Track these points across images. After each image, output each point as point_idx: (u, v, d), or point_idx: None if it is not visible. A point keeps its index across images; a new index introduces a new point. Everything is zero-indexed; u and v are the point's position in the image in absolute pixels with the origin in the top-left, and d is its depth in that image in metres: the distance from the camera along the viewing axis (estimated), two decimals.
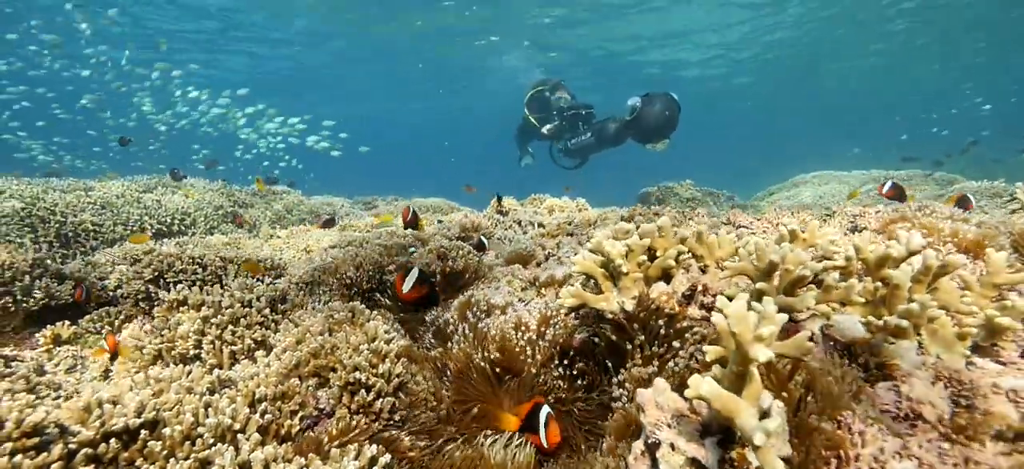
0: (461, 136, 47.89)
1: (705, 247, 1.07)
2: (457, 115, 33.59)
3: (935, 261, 0.87)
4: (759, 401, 0.62)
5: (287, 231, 3.79)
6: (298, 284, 1.58)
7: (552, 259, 1.91)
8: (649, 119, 5.59)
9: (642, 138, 5.96)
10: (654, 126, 5.57)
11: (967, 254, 1.49)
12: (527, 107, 8.85)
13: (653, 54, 18.22)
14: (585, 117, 7.50)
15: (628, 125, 5.86)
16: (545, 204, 4.82)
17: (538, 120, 8.76)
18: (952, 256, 0.88)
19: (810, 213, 2.14)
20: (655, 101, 5.54)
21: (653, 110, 5.52)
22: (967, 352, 0.86)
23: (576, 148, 7.43)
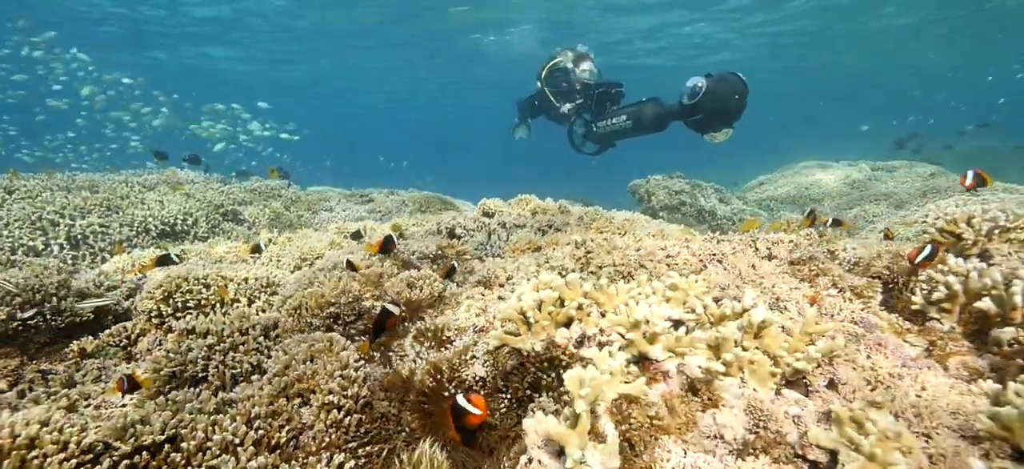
0: (460, 126, 47.71)
1: (604, 296, 1.35)
2: (457, 102, 33.60)
3: (758, 318, 1.16)
4: (586, 433, 0.91)
5: (284, 238, 4.08)
6: (288, 311, 1.88)
7: (510, 282, 2.20)
8: (716, 103, 4.69)
9: (702, 126, 5.03)
10: (722, 112, 4.70)
11: (850, 291, 1.77)
12: (544, 81, 7.70)
13: (639, 43, 18.28)
14: (615, 96, 6.58)
15: (687, 109, 4.90)
16: (529, 206, 5.09)
17: (556, 95, 7.64)
18: (770, 315, 1.17)
19: (722, 242, 2.42)
20: (723, 82, 4.64)
21: (721, 92, 4.62)
22: (776, 385, 1.15)
23: (605, 132, 6.46)
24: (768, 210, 9.20)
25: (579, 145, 7.41)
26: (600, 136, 6.64)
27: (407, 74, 23.63)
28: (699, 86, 4.76)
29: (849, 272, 1.84)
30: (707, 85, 4.67)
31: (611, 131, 6.34)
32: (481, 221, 4.86)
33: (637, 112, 5.85)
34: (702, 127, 5.04)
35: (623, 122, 6.02)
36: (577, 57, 7.53)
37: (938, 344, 1.53)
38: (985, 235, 2.01)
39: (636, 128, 5.93)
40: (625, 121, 5.99)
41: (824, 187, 8.87)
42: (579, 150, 7.43)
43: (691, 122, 5.05)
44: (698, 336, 1.17)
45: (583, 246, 2.31)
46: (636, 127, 5.92)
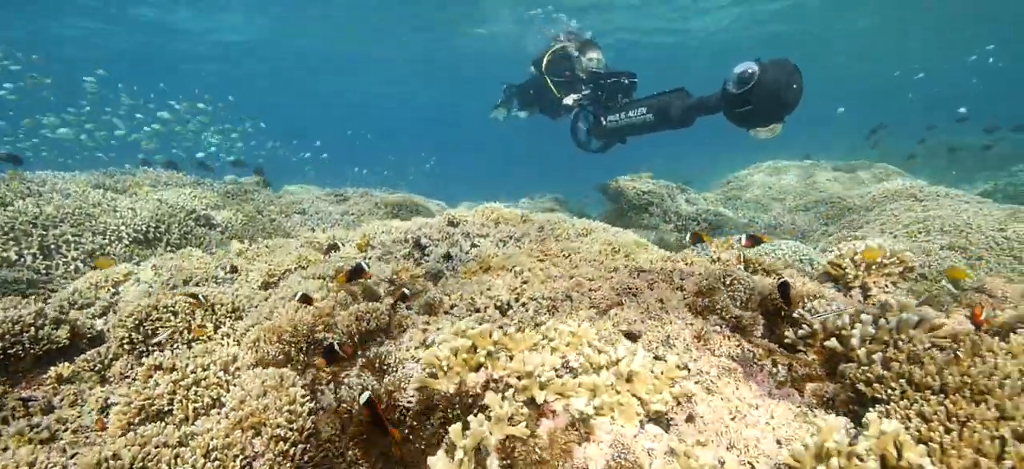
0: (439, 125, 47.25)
1: (513, 342, 1.60)
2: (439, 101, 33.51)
3: (626, 369, 1.42)
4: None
5: (252, 250, 4.25)
6: (248, 344, 2.09)
7: (455, 309, 2.44)
8: (769, 92, 4.04)
9: (748, 119, 4.34)
10: (775, 103, 4.08)
11: (736, 324, 2.06)
12: (546, 69, 7.10)
13: (620, 18, 18.41)
14: (627, 87, 5.94)
15: (733, 99, 4.25)
16: (492, 216, 5.31)
17: (559, 85, 7.04)
18: (640, 363, 1.43)
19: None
20: (777, 68, 4.04)
21: (776, 80, 4.02)
22: (641, 422, 1.42)
23: (618, 126, 5.76)
24: (734, 209, 9.58)
25: (583, 141, 6.79)
26: (610, 131, 5.99)
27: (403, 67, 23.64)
28: (750, 72, 4.06)
29: (741, 306, 2.12)
30: (760, 71, 4.02)
31: (626, 126, 5.69)
32: (446, 231, 5.08)
33: (662, 104, 5.14)
34: (748, 120, 4.35)
35: (643, 116, 5.36)
36: (582, 45, 6.94)
37: (800, 373, 1.82)
38: (864, 271, 2.31)
39: (659, 123, 5.26)
40: (645, 114, 5.33)
41: (785, 187, 9.26)
42: (583, 147, 6.83)
43: (736, 114, 4.35)
44: (582, 380, 1.43)
45: (521, 275, 2.56)
46: (659, 121, 5.24)
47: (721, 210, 9.01)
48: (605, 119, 5.96)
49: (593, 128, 6.43)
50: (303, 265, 4.12)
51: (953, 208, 5.62)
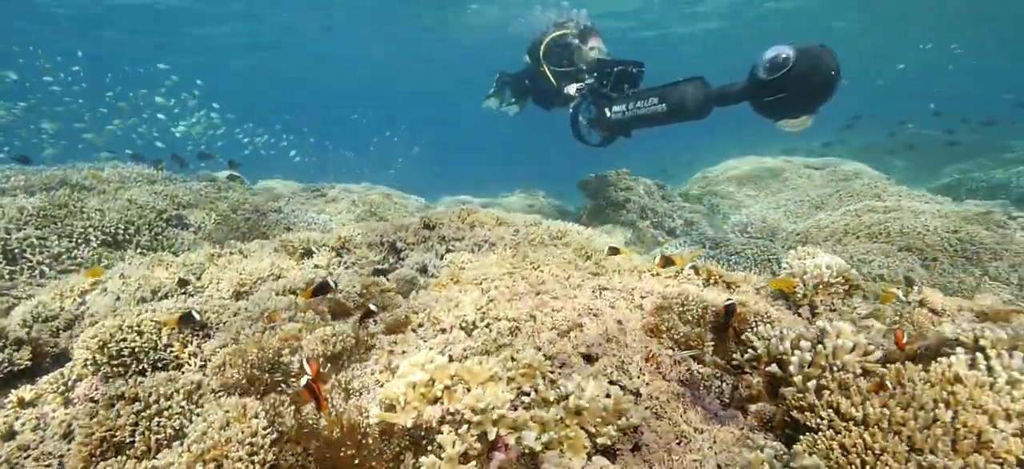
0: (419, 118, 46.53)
1: (470, 374, 1.66)
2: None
3: (574, 405, 1.50)
4: None
5: (224, 259, 4.22)
6: (213, 369, 2.12)
7: (422, 328, 2.49)
8: (805, 80, 3.65)
9: (778, 108, 3.92)
10: (810, 92, 3.69)
11: (687, 343, 2.15)
12: (543, 57, 6.77)
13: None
14: (634, 77, 5.54)
15: (764, 86, 3.83)
16: (468, 219, 5.34)
17: (557, 75, 6.71)
18: (589, 401, 1.51)
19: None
20: (813, 55, 3.64)
21: (813, 67, 3.62)
22: (588, 454, 1.50)
23: (625, 118, 5.30)
24: (710, 207, 9.78)
25: (584, 134, 6.37)
26: (615, 123, 5.52)
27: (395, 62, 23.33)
28: (786, 57, 3.65)
29: (693, 324, 2.22)
30: (795, 57, 3.61)
31: (634, 118, 5.24)
32: (422, 234, 5.10)
33: (677, 95, 4.70)
34: (778, 110, 3.92)
35: (655, 107, 4.92)
36: (583, 31, 6.66)
37: (745, 395, 1.93)
38: (812, 289, 2.43)
39: (673, 114, 4.82)
40: (657, 105, 4.88)
41: (759, 183, 9.47)
42: (583, 140, 6.43)
43: (765, 104, 3.94)
44: (534, 414, 1.50)
45: (487, 293, 2.62)
46: (673, 113, 4.80)
47: (697, 207, 9.19)
48: (610, 111, 5.46)
49: (596, 120, 5.94)
50: (276, 273, 4.12)
51: (911, 209, 5.85)
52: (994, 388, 1.54)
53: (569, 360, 2.08)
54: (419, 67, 27.51)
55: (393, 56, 25.14)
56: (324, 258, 4.53)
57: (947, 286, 5.00)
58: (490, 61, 14.62)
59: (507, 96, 9.03)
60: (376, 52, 23.97)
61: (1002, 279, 4.99)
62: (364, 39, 21.92)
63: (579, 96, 6.34)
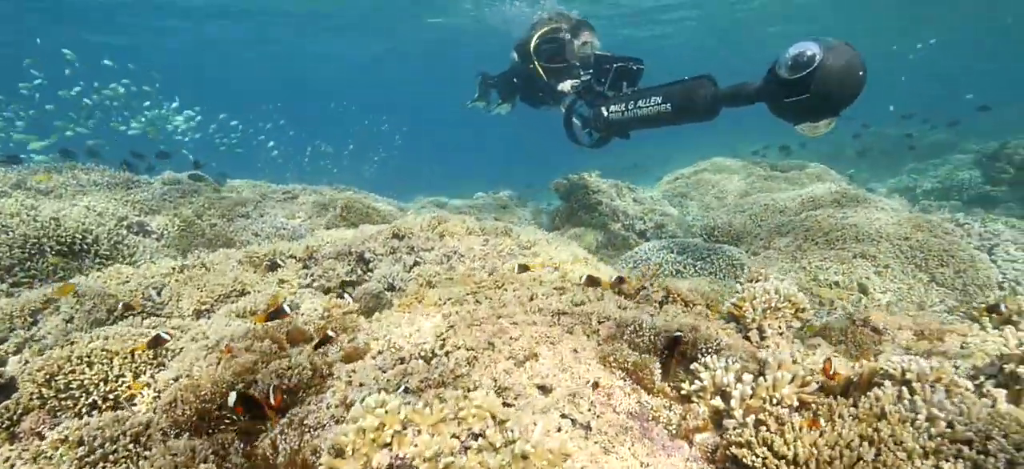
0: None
1: (420, 417, 1.69)
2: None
3: (519, 450, 1.54)
4: None
5: (185, 274, 4.13)
6: (163, 407, 2.09)
7: (381, 355, 2.50)
8: (831, 81, 3.29)
9: (799, 111, 3.55)
10: (837, 94, 3.33)
11: (637, 373, 2.22)
12: (533, 53, 6.53)
13: None
14: (634, 75, 5.28)
15: (785, 86, 3.46)
16: (440, 228, 5.34)
17: (549, 72, 6.46)
18: (534, 445, 1.55)
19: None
20: (840, 54, 3.30)
21: (840, 68, 3.27)
22: None
23: (625, 119, 4.98)
24: (679, 207, 9.96)
25: (578, 134, 6.06)
26: (613, 124, 5.18)
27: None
28: (811, 55, 3.31)
29: (646, 350, 2.28)
30: (822, 55, 3.27)
31: (634, 118, 4.90)
32: (391, 244, 5.08)
33: (683, 93, 4.38)
34: (799, 112, 3.56)
35: (659, 107, 4.59)
36: (574, 26, 6.43)
37: (692, 425, 2.00)
38: (761, 314, 2.53)
39: (678, 115, 4.49)
40: (662, 105, 4.56)
41: (727, 187, 9.69)
42: (577, 141, 6.13)
43: (786, 105, 3.56)
44: (481, 459, 1.53)
45: (449, 318, 2.65)
46: (679, 114, 4.49)
47: (667, 209, 9.36)
48: (607, 110, 5.16)
49: (593, 120, 5.56)
50: (239, 288, 4.06)
51: (867, 216, 6.09)
52: (915, 424, 1.64)
53: (524, 391, 2.13)
54: (394, 59, 27.14)
55: (370, 47, 24.77)
56: (291, 271, 4.48)
57: (898, 291, 5.23)
58: (466, 53, 14.36)
59: (493, 98, 8.82)
60: (349, 42, 23.57)
61: (948, 285, 5.25)
62: (340, 29, 21.52)
63: (574, 94, 6.08)
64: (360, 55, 26.16)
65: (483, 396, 1.77)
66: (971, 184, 10.99)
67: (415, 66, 28.23)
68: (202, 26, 20.03)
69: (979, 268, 5.32)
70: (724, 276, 6.07)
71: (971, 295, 5.18)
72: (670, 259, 6.38)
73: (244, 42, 22.87)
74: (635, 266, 6.56)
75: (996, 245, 5.59)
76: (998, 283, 5.34)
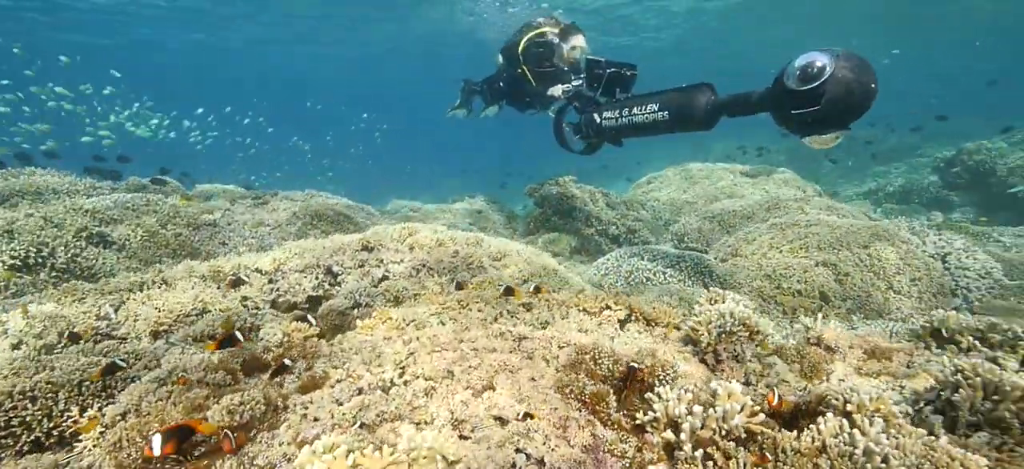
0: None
1: (370, 461, 1.68)
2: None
3: None
4: None
5: (143, 294, 4.00)
6: (106, 449, 2.03)
7: (340, 385, 2.47)
8: (843, 94, 3.15)
9: (806, 123, 3.39)
10: (848, 107, 3.20)
11: (591, 402, 2.24)
12: (523, 56, 6.38)
13: None
14: (627, 81, 5.09)
15: (796, 98, 3.29)
16: (408, 241, 5.30)
17: (538, 76, 6.34)
18: None
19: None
20: (853, 66, 3.16)
21: (853, 81, 3.14)
22: None
23: (619, 126, 4.82)
24: (652, 213, 10.09)
25: (569, 140, 5.92)
26: (605, 130, 5.05)
27: None
28: (821, 66, 3.16)
29: (602, 380, 2.31)
30: (833, 67, 3.13)
31: (628, 126, 4.77)
32: (359, 257, 5.03)
33: (681, 102, 4.24)
34: (807, 125, 3.40)
35: (655, 114, 4.44)
36: (564, 30, 6.26)
37: (646, 457, 2.03)
38: (716, 339, 2.59)
39: (675, 123, 4.35)
40: (657, 112, 4.42)
41: (696, 192, 9.85)
42: (567, 147, 5.97)
43: (793, 117, 3.39)
44: None
45: (408, 345, 2.64)
46: (676, 122, 4.33)
47: (639, 214, 9.47)
48: (600, 117, 5.02)
49: (584, 126, 5.39)
50: (200, 308, 3.96)
51: (829, 224, 6.27)
52: (853, 460, 1.70)
53: (481, 423, 2.13)
54: (374, 57, 26.79)
55: (344, 45, 24.37)
56: (255, 287, 4.39)
57: (857, 298, 5.41)
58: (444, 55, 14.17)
59: (476, 105, 8.70)
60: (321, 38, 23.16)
61: (904, 292, 5.45)
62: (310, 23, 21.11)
63: (565, 99, 5.94)
64: (343, 53, 25.75)
65: (435, 437, 1.77)
66: (930, 188, 11.42)
67: (397, 63, 27.90)
68: (167, 24, 19.46)
69: (933, 276, 5.54)
70: (693, 283, 6.18)
71: (926, 302, 5.39)
72: (641, 266, 6.47)
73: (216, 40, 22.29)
74: (607, 274, 6.63)
75: (949, 253, 5.83)
76: (951, 290, 5.57)
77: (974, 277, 5.58)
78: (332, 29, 20.79)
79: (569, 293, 3.68)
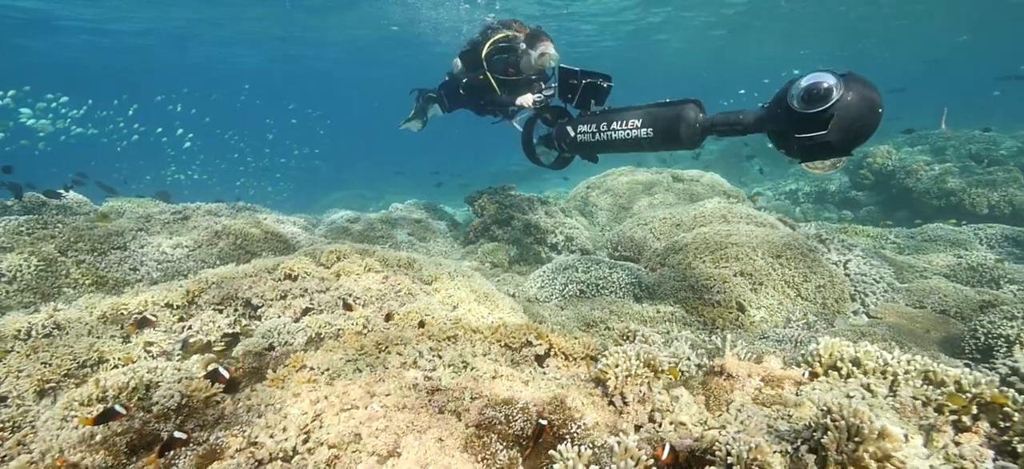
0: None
1: None
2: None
3: None
4: None
5: (28, 344, 3.64)
6: None
7: (241, 454, 2.37)
8: (851, 119, 2.92)
9: (807, 148, 3.16)
10: (855, 132, 2.97)
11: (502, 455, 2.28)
12: (485, 61, 6.05)
13: None
14: (603, 93, 4.71)
15: (800, 122, 3.03)
16: (337, 266, 5.13)
17: (503, 84, 6.02)
18: None
19: None
20: (860, 90, 2.91)
21: (860, 106, 2.91)
22: None
23: (596, 141, 4.51)
24: (590, 217, 10.31)
25: (539, 153, 5.61)
26: (580, 145, 4.71)
27: None
28: (828, 88, 2.91)
29: (506, 440, 2.34)
30: (841, 89, 2.89)
31: (607, 142, 4.42)
32: (281, 288, 4.83)
33: (668, 119, 3.91)
34: (811, 150, 3.18)
35: (638, 131, 4.12)
36: (531, 36, 5.88)
37: None
38: (622, 382, 2.69)
39: (660, 141, 4.03)
40: (641, 129, 4.09)
41: (633, 198, 10.18)
42: (536, 160, 5.65)
43: (796, 141, 3.14)
44: None
45: (317, 405, 2.56)
46: (661, 139, 4.02)
47: (577, 222, 9.67)
48: (575, 131, 4.67)
49: (557, 139, 5.04)
50: (96, 358, 3.66)
51: (747, 233, 6.66)
52: None
53: None
54: (306, 53, 25.68)
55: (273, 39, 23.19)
56: (160, 331, 4.11)
57: (770, 307, 5.79)
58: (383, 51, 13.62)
59: (430, 113, 8.29)
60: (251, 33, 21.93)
61: (810, 299, 5.89)
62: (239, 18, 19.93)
63: (534, 109, 5.60)
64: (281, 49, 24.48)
65: None
66: (840, 189, 12.39)
67: (335, 59, 26.88)
68: None
69: (836, 283, 6.02)
70: (625, 294, 6.40)
71: (829, 308, 5.86)
72: (575, 278, 6.62)
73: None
74: (543, 286, 6.73)
75: (849, 260, 6.35)
76: (851, 296, 6.09)
77: (870, 282, 6.11)
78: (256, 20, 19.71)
79: (489, 329, 3.70)
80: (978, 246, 7.27)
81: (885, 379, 2.87)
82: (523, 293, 6.73)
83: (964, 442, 2.52)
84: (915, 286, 6.20)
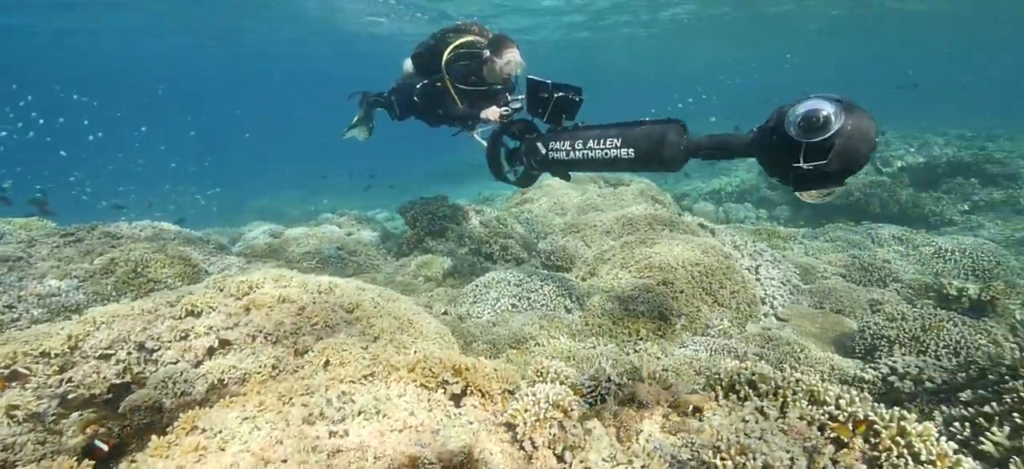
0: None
1: None
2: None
3: None
4: None
5: None
6: None
7: None
8: (850, 149, 2.76)
9: (805, 177, 2.95)
10: (853, 162, 2.81)
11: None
12: (446, 67, 5.64)
13: None
14: (573, 106, 4.41)
15: (797, 150, 2.85)
16: (247, 299, 4.80)
17: (465, 94, 5.69)
18: None
19: None
20: (856, 117, 2.74)
21: (857, 132, 2.74)
22: None
23: (569, 160, 4.20)
24: (526, 225, 10.36)
25: (504, 169, 5.21)
26: (552, 163, 4.43)
27: None
28: (827, 116, 2.74)
29: None
30: (841, 118, 2.72)
31: (584, 161, 4.11)
32: (180, 329, 4.45)
33: (651, 140, 3.64)
34: (807, 179, 2.98)
35: (618, 151, 3.82)
36: (495, 42, 5.46)
37: None
38: (532, 426, 2.69)
39: (641, 162, 3.76)
40: (621, 148, 3.80)
41: (566, 204, 10.33)
42: (502, 176, 5.27)
43: (792, 170, 2.95)
44: None
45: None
46: (642, 161, 3.74)
47: (513, 229, 9.68)
48: (546, 147, 4.39)
49: (526, 156, 4.75)
50: None
51: (669, 242, 6.94)
52: None
53: None
54: (222, 50, 24.03)
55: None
56: (30, 390, 3.66)
57: (689, 314, 6.06)
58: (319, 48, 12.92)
59: (378, 120, 7.84)
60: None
61: (726, 304, 6.23)
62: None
63: (500, 122, 5.26)
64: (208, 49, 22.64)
65: None
66: (758, 187, 13.26)
67: (263, 59, 25.30)
68: None
69: (748, 288, 6.41)
70: (556, 306, 6.48)
71: (742, 312, 6.22)
72: (508, 292, 6.62)
73: None
74: (475, 302, 6.68)
75: (760, 266, 6.77)
76: (761, 299, 6.49)
77: (777, 285, 6.55)
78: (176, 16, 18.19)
79: (407, 365, 3.59)
80: (870, 245, 8.00)
81: (776, 401, 3.06)
82: (455, 310, 6.65)
83: (841, 460, 2.73)
84: (816, 287, 6.72)
